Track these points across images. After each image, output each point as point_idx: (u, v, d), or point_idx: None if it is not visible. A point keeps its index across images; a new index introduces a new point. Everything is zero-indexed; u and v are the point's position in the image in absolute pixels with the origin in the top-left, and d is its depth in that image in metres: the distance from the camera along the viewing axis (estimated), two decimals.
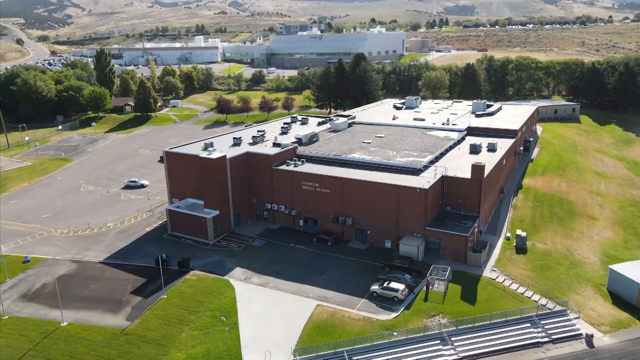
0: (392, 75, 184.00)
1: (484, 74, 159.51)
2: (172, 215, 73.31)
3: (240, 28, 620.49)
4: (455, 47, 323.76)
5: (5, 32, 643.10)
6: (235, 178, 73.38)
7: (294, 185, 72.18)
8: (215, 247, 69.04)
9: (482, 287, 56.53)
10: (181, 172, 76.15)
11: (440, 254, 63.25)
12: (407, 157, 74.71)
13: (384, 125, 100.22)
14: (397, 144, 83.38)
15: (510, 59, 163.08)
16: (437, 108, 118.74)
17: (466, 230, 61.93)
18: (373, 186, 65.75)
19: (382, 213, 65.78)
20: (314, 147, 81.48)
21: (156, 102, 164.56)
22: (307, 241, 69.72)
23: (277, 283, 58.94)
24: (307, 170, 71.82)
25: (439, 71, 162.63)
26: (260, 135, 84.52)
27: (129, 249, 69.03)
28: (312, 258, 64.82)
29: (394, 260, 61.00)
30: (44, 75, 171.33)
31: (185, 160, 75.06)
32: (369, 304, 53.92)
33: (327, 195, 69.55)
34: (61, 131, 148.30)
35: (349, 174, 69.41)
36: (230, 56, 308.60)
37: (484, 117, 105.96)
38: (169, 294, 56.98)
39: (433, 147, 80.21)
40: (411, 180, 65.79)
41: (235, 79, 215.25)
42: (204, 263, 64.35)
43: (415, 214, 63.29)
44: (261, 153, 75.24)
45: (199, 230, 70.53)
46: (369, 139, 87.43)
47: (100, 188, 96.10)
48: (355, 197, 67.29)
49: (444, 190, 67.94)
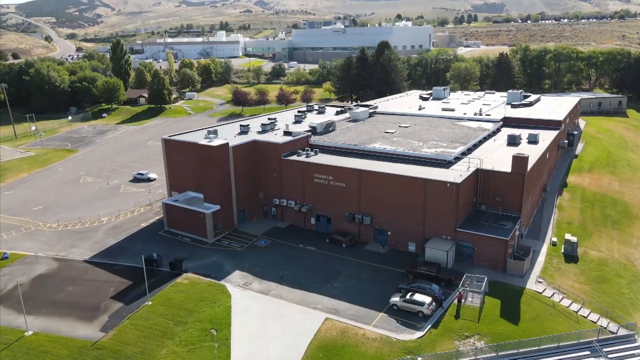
0: (419, 68, 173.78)
1: (518, 65, 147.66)
2: (168, 210, 65.57)
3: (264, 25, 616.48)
4: (484, 42, 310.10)
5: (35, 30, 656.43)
6: (240, 169, 65.16)
7: (305, 178, 63.50)
8: (214, 246, 60.94)
9: (527, 303, 46.66)
10: (181, 162, 68.40)
11: (473, 260, 53.57)
12: (435, 148, 65.13)
13: (409, 116, 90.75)
14: (423, 134, 73.82)
15: (548, 49, 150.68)
16: (468, 99, 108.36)
17: (506, 233, 52.09)
18: (395, 179, 56.50)
19: (405, 211, 56.49)
20: (330, 137, 72.63)
21: (170, 93, 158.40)
22: (319, 242, 60.98)
23: (280, 290, 50.34)
24: (319, 161, 63.04)
25: (469, 62, 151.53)
26: (271, 124, 76.10)
27: (118, 247, 61.54)
28: (323, 262, 56.03)
29: (418, 266, 51.65)
30: (58, 66, 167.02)
31: (184, 148, 67.23)
32: (388, 320, 44.76)
33: (342, 189, 60.63)
34: (71, 122, 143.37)
35: (368, 165, 60.34)
36: (251, 51, 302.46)
37: (521, 107, 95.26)
38: (154, 300, 49.01)
39: (465, 138, 70.36)
40: (440, 173, 56.29)
41: (254, 72, 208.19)
42: (199, 265, 56.26)
43: (445, 212, 53.79)
44: (269, 141, 66.81)
45: (198, 227, 62.54)
46: (391, 128, 78.07)
47: (101, 180, 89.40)
48: (374, 193, 58.18)
49: (478, 186, 58.15)
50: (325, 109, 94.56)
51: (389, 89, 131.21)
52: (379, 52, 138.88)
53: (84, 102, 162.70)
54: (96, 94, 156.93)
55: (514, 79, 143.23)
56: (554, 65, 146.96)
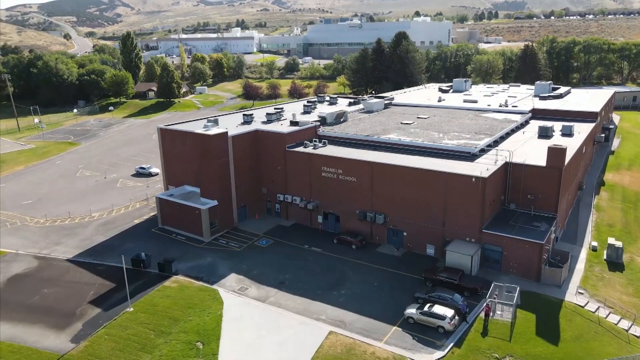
0: (437, 62, 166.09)
1: (544, 58, 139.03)
2: (162, 205, 59.99)
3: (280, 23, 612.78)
4: (506, 38, 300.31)
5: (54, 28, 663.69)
6: (240, 162, 59.26)
7: (311, 172, 57.27)
8: (210, 245, 55.12)
9: (567, 318, 39.66)
10: (177, 154, 62.77)
11: (501, 267, 46.67)
12: (457, 139, 58.27)
13: (428, 107, 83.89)
14: (444, 125, 66.97)
15: (577, 41, 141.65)
16: (491, 91, 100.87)
17: (540, 236, 45.09)
18: (413, 173, 49.89)
19: (423, 209, 49.84)
20: (341, 128, 66.30)
21: (180, 87, 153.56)
22: (326, 243, 54.69)
23: (280, 297, 44.21)
24: (328, 153, 56.73)
25: (492, 54, 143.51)
26: (277, 113, 70.04)
27: (106, 245, 56.12)
28: (330, 265, 49.72)
29: (438, 273, 44.97)
30: (66, 59, 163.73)
31: (180, 138, 61.55)
32: (402, 335, 38.26)
33: (352, 184, 54.24)
34: (78, 115, 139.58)
35: (382, 157, 53.84)
36: (266, 47, 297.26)
37: (551, 99, 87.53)
38: (137, 306, 43.29)
39: (490, 130, 63.33)
40: (464, 167, 49.51)
41: (267, 66, 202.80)
42: (191, 266, 50.45)
43: (469, 211, 47.00)
44: (272, 131, 60.75)
45: (193, 224, 56.79)
46: (409, 119, 71.37)
47: (99, 174, 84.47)
48: (388, 188, 51.64)
49: (507, 182, 51.19)
50: (337, 100, 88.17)
51: (406, 82, 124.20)
52: (396, 44, 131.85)
53: (92, 96, 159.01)
54: (104, 87, 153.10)
55: (540, 72, 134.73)
56: (583, 58, 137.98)
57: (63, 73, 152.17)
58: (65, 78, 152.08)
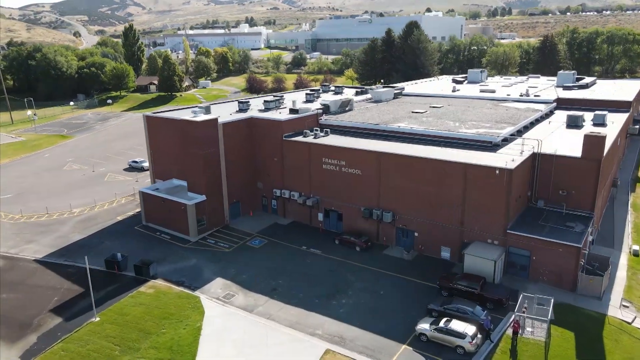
0: (450, 55, 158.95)
1: (564, 50, 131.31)
2: (146, 201, 54.13)
3: (290, 21, 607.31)
4: (520, 34, 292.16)
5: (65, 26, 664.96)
6: (232, 152, 53.18)
7: (311, 164, 51.02)
8: (197, 245, 49.14)
9: (612, 338, 32.96)
10: (164, 144, 56.86)
11: (529, 274, 40.05)
12: (475, 128, 51.62)
13: (441, 97, 77.22)
14: (460, 114, 60.34)
15: (599, 31, 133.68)
16: (509, 82, 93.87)
17: (576, 238, 38.40)
18: (426, 165, 43.44)
19: (437, 206, 43.36)
20: (345, 117, 59.96)
21: (181, 80, 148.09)
22: (326, 244, 48.43)
23: (270, 306, 38.04)
24: (330, 142, 50.41)
25: (508, 46, 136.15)
26: (276, 101, 63.90)
27: (82, 244, 50.36)
28: (330, 269, 43.46)
29: (456, 280, 38.46)
30: (66, 51, 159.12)
31: (167, 126, 55.60)
32: (412, 356, 31.86)
33: (357, 178, 47.89)
34: (75, 108, 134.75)
35: (391, 147, 47.44)
36: (274, 43, 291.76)
37: (576, 89, 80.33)
38: (104, 316, 37.38)
39: (513, 119, 56.58)
40: (485, 157, 42.95)
41: (273, 61, 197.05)
42: (173, 269, 44.47)
43: (492, 208, 40.43)
44: (268, 119, 54.59)
45: (178, 221, 50.83)
46: (420, 108, 64.82)
47: (87, 167, 79.02)
48: (398, 182, 45.23)
49: (535, 176, 44.50)
50: (342, 89, 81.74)
51: (417, 74, 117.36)
52: (407, 34, 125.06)
53: (92, 89, 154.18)
54: (104, 80, 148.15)
55: (560, 65, 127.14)
56: (606, 50, 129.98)
57: (62, 66, 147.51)
58: (64, 71, 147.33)
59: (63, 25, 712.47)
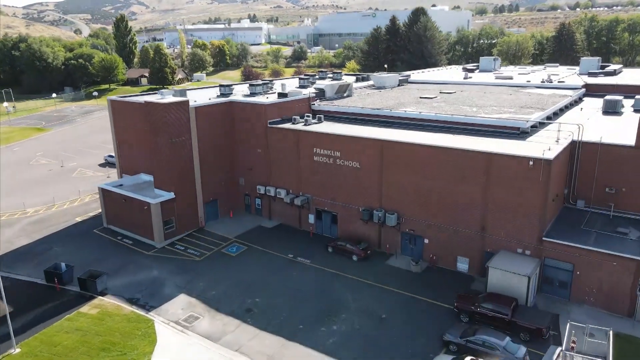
0: (458, 47, 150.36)
1: (582, 39, 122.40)
2: (106, 199, 45.99)
3: (293, 19, 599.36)
4: (528, 30, 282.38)
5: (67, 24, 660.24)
6: (208, 141, 44.98)
7: (301, 155, 42.74)
8: (163, 253, 40.98)
9: None
10: (130, 132, 48.83)
11: (571, 293, 31.61)
12: (497, 114, 43.15)
13: (453, 84, 68.76)
14: (476, 100, 51.87)
15: (620, 19, 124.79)
16: (526, 71, 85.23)
17: (635, 249, 29.91)
18: (439, 155, 35.04)
19: (454, 206, 34.97)
20: (342, 102, 51.63)
21: (174, 72, 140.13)
22: (318, 251, 40.16)
23: (242, 334, 29.79)
24: (322, 130, 42.06)
25: (521, 36, 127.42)
26: (263, 85, 55.60)
27: (27, 251, 42.26)
28: (321, 284, 35.19)
29: (479, 302, 30.01)
30: (53, 42, 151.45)
31: (132, 111, 47.50)
32: None
33: (354, 172, 39.56)
34: (60, 101, 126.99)
35: (395, 135, 39.10)
36: (275, 39, 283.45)
37: (602, 76, 71.62)
38: (27, 346, 29.22)
39: (540, 104, 48.07)
40: (514, 146, 34.51)
41: (273, 54, 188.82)
42: (128, 282, 36.30)
43: (524, 209, 32.03)
44: (251, 102, 46.31)
45: (142, 224, 42.64)
46: (430, 94, 56.40)
47: (57, 162, 71.02)
48: (404, 176, 36.88)
49: (574, 170, 36.05)
50: (341, 76, 73.33)
51: (424, 64, 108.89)
52: (413, 20, 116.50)
53: (81, 82, 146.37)
54: (93, 72, 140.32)
55: (577, 55, 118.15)
56: (627, 39, 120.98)
57: (48, 57, 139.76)
58: (49, 62, 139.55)
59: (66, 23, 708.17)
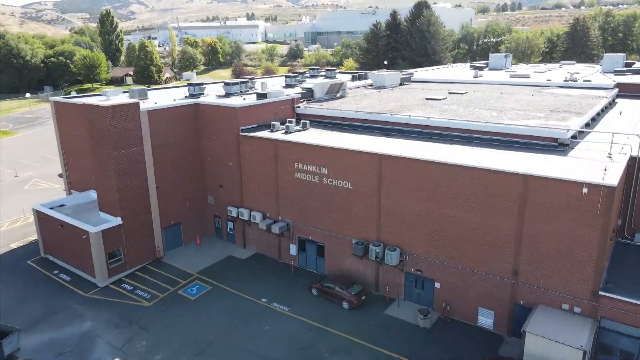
0: (462, 45, 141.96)
1: (597, 36, 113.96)
2: (42, 223, 37.51)
3: (292, 17, 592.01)
4: (532, 28, 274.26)
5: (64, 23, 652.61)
6: (167, 153, 36.52)
7: (280, 171, 34.26)
8: (104, 294, 32.55)
9: None
10: (76, 140, 40.37)
11: None
12: (525, 119, 34.66)
13: (462, 83, 60.39)
14: (493, 102, 43.40)
15: (637, 14, 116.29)
16: (541, 69, 76.74)
17: None
18: (456, 176, 26.56)
19: (475, 242, 26.49)
20: (334, 105, 43.15)
21: (160, 71, 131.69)
22: (300, 294, 31.73)
23: None
24: (306, 140, 33.51)
25: (531, 32, 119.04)
26: (241, 84, 47.00)
27: None
28: (299, 345, 26.70)
29: None
30: (32, 38, 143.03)
31: (76, 115, 38.98)
32: None
33: (346, 194, 31.09)
34: (38, 101, 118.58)
35: (398, 147, 30.59)
36: (272, 37, 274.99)
37: (630, 74, 63.21)
38: None
39: (573, 107, 39.61)
40: (555, 164, 26.03)
41: (268, 53, 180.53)
42: (48, 341, 27.85)
43: (573, 251, 23.55)
44: (219, 105, 37.82)
45: (82, 256, 34.17)
46: (438, 95, 47.91)
47: (10, 171, 62.64)
48: (409, 202, 28.40)
49: (631, 195, 27.57)
50: (335, 74, 64.88)
51: (427, 61, 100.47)
52: (416, 15, 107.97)
53: (62, 81, 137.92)
54: (74, 70, 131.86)
55: (592, 52, 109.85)
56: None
57: (26, 54, 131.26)
58: (28, 60, 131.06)
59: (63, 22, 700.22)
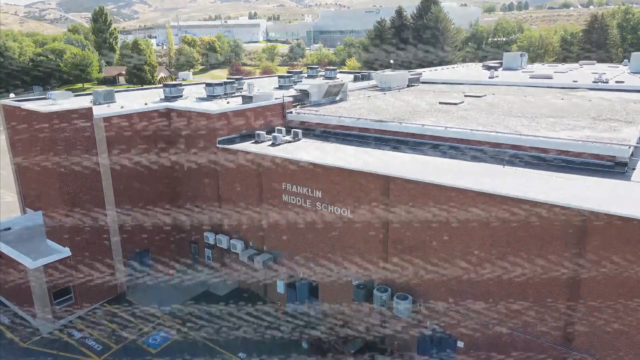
0: (471, 44, 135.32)
1: (615, 34, 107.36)
2: None
3: (295, 17, 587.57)
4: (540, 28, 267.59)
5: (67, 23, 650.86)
6: (130, 168, 30.30)
7: (264, 192, 27.99)
8: (46, 344, 26.40)
9: None
10: (28, 152, 34.19)
11: None
12: (565, 130, 28.25)
13: (478, 85, 53.99)
14: (518, 107, 36.99)
15: None
16: (562, 69, 70.24)
17: None
18: (494, 208, 20.15)
19: (511, 293, 20.09)
20: (332, 110, 36.81)
21: (153, 70, 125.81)
22: (286, 345, 25.41)
23: None
24: (294, 155, 27.17)
25: (545, 30, 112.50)
26: (227, 85, 40.76)
27: None
28: None
29: None
30: (21, 36, 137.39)
31: (26, 123, 32.79)
32: None
33: (344, 224, 24.76)
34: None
35: (409, 165, 24.22)
36: (274, 36, 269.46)
37: None
38: None
39: (619, 114, 33.19)
40: (618, 192, 19.59)
41: (268, 52, 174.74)
42: None
43: None
44: (194, 110, 31.56)
45: (23, 294, 28.04)
46: (453, 98, 41.54)
47: None
48: (426, 238, 22.02)
49: None
50: (336, 74, 58.59)
51: (436, 60, 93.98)
52: (423, 11, 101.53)
53: (52, 81, 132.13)
54: (64, 70, 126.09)
55: (610, 51, 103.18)
56: None
57: (13, 52, 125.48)
58: (14, 58, 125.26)
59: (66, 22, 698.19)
